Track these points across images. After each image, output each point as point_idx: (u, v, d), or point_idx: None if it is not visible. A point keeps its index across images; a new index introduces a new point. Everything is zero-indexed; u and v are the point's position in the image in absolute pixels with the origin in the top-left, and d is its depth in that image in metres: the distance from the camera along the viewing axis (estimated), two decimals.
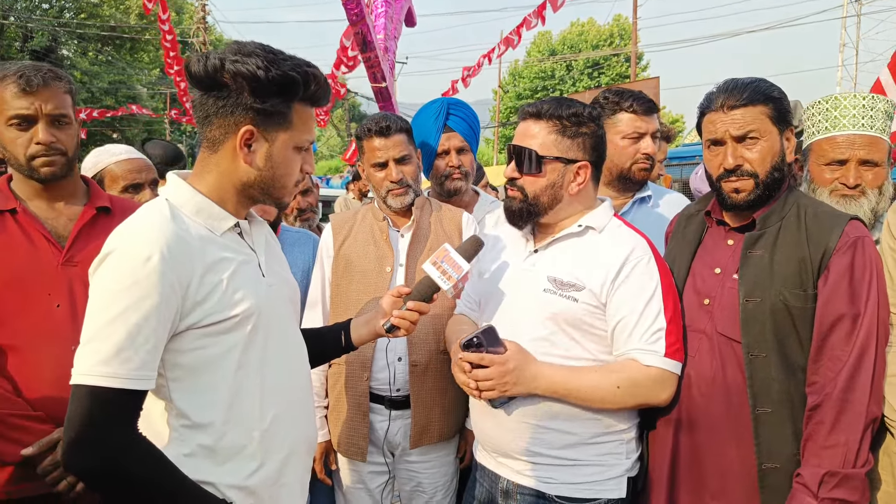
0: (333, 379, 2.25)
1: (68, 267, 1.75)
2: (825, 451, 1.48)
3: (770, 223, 1.67)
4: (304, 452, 1.50)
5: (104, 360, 1.15)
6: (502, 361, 1.63)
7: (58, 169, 1.79)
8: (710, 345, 1.68)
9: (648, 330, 1.66)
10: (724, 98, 1.67)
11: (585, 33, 37.33)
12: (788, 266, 1.60)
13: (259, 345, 1.35)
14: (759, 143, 1.65)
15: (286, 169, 1.38)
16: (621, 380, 1.64)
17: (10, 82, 1.72)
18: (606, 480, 1.71)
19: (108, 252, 1.22)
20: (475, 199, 2.71)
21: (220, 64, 1.27)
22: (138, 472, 1.18)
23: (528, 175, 1.75)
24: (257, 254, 1.44)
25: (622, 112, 2.39)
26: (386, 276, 2.18)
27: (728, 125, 1.66)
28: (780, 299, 1.58)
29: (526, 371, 1.64)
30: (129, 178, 2.43)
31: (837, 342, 1.52)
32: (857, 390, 1.48)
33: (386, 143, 2.20)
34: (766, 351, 1.58)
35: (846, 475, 1.46)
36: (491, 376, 1.63)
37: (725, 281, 1.70)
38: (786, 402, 1.57)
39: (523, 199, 1.77)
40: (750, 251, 1.66)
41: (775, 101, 1.66)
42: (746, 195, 1.67)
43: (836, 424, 1.48)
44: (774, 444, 1.58)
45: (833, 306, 1.53)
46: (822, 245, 1.57)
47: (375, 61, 4.97)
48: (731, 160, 1.66)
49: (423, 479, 2.22)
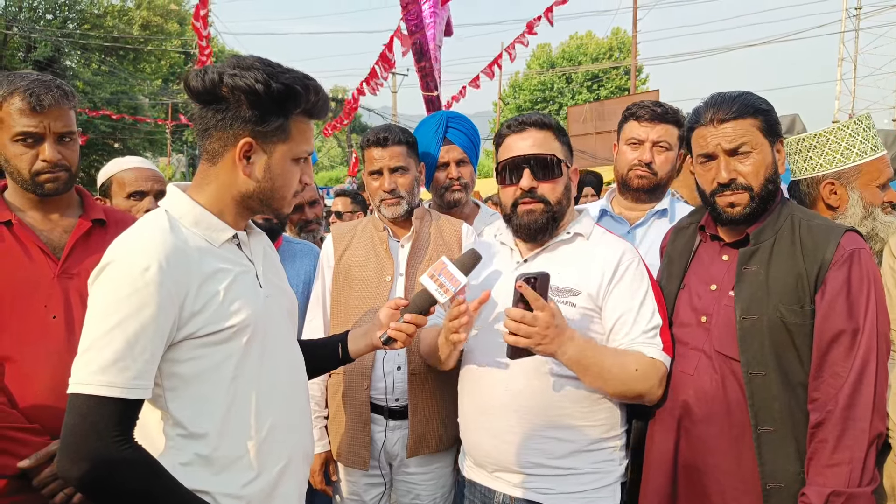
0: (333, 389, 2.25)
1: (64, 279, 1.75)
2: (830, 469, 1.45)
3: (764, 237, 1.66)
4: (302, 463, 1.50)
5: (101, 369, 1.16)
6: (553, 313, 1.57)
7: (61, 185, 1.80)
8: (709, 363, 1.67)
9: (647, 325, 1.70)
10: (714, 112, 1.66)
11: (585, 46, 37.54)
12: (785, 281, 1.58)
13: (255, 355, 1.35)
14: (752, 155, 1.64)
15: (285, 180, 1.39)
16: (638, 363, 1.67)
17: (19, 98, 1.72)
18: (603, 487, 1.72)
19: (107, 262, 1.22)
20: (475, 211, 2.73)
21: (219, 78, 1.29)
22: (134, 481, 1.18)
23: (548, 181, 1.77)
24: (255, 265, 1.45)
25: (631, 119, 2.40)
26: (386, 285, 2.19)
27: (719, 139, 1.65)
28: (778, 316, 1.57)
29: (565, 331, 1.60)
30: (134, 185, 2.45)
31: (837, 358, 1.50)
32: (859, 406, 1.46)
33: (383, 154, 2.22)
34: (765, 369, 1.57)
35: (851, 494, 1.43)
36: (536, 323, 1.55)
37: (722, 298, 1.69)
38: (787, 419, 1.55)
39: (547, 208, 1.77)
40: (745, 267, 1.65)
41: (764, 113, 1.66)
42: (742, 209, 1.65)
43: (839, 442, 1.46)
44: (778, 464, 1.55)
45: (831, 322, 1.51)
46: (818, 259, 1.56)
47: (429, 70, 5.05)
48: (724, 174, 1.65)
49: (421, 492, 2.22)
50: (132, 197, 2.44)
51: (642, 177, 2.35)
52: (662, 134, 2.34)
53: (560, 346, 1.59)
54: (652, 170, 2.34)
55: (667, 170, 2.37)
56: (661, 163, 2.35)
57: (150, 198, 2.47)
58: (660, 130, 2.34)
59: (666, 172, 2.37)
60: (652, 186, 2.36)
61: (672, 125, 2.36)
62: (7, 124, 1.73)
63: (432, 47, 5.18)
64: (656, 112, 2.34)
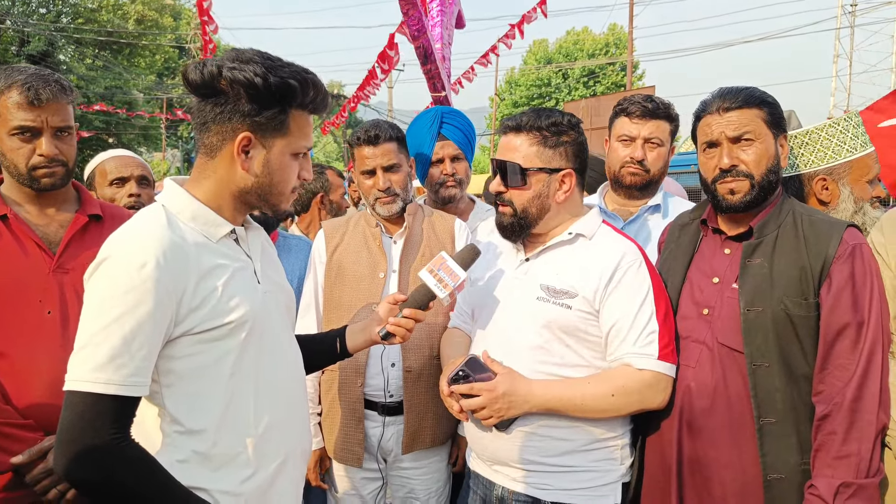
0: (327, 385, 2.25)
1: (59, 274, 1.74)
2: (839, 461, 1.48)
3: (767, 231, 1.68)
4: (299, 459, 1.49)
5: (98, 366, 1.15)
6: (490, 388, 1.64)
7: (58, 179, 1.79)
8: (710, 355, 1.67)
9: (642, 333, 1.67)
10: (720, 102, 1.70)
11: (581, 42, 37.54)
12: (789, 274, 1.60)
13: (253, 352, 1.35)
14: (755, 144, 1.67)
15: (283, 175, 1.38)
16: (615, 388, 1.65)
17: (17, 92, 1.71)
18: (601, 486, 1.71)
19: (104, 258, 1.21)
20: (471, 206, 2.73)
21: (218, 71, 1.28)
22: (131, 478, 1.17)
23: (515, 188, 1.76)
24: (253, 260, 1.44)
25: (622, 115, 2.38)
26: (379, 282, 2.18)
27: (723, 126, 1.68)
28: (782, 308, 1.58)
29: (517, 393, 1.65)
30: (116, 172, 2.49)
31: (843, 351, 1.53)
32: (866, 399, 1.49)
33: (374, 152, 2.20)
34: (769, 361, 1.59)
35: (861, 485, 1.46)
36: (482, 404, 1.65)
37: (724, 290, 1.70)
38: (790, 411, 1.58)
39: (513, 213, 1.78)
40: (749, 260, 1.67)
41: (770, 105, 1.70)
42: (742, 196, 1.67)
43: (848, 434, 1.48)
44: (780, 455, 1.57)
45: (837, 315, 1.54)
46: (821, 253, 1.58)
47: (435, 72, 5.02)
48: (726, 160, 1.68)
49: (416, 486, 2.22)
50: (114, 184, 2.49)
51: (634, 174, 2.35)
52: (654, 130, 2.33)
53: (521, 407, 1.65)
54: (644, 167, 2.34)
55: (659, 166, 2.37)
56: (654, 159, 2.35)
57: (132, 182, 2.51)
58: (651, 127, 2.33)
59: (658, 168, 2.37)
60: (644, 183, 2.36)
61: (664, 120, 2.35)
62: (4, 118, 1.72)
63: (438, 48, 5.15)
64: (647, 108, 2.32)
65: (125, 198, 2.46)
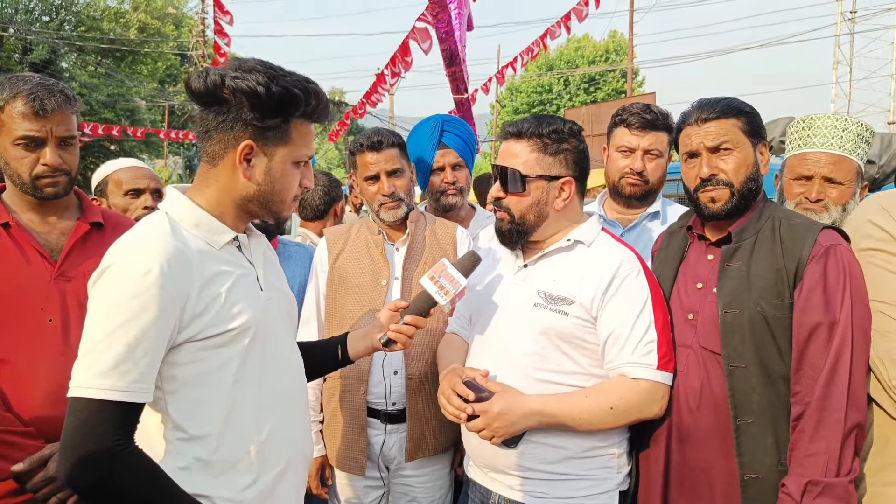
0: (329, 393, 2.25)
1: (61, 282, 1.74)
2: (807, 459, 1.50)
3: (746, 236, 1.71)
4: (300, 466, 1.49)
5: (102, 372, 1.15)
6: (485, 409, 1.64)
7: (61, 189, 1.80)
8: (696, 359, 1.70)
9: (640, 343, 1.67)
10: (698, 113, 1.74)
11: (582, 49, 37.63)
12: (765, 277, 1.62)
13: (256, 358, 1.35)
14: (733, 153, 1.71)
15: (285, 184, 1.39)
16: (613, 400, 1.65)
17: (21, 102, 1.71)
18: (598, 494, 1.71)
19: (108, 265, 1.22)
20: (471, 213, 2.73)
21: (221, 80, 1.29)
22: (134, 485, 1.18)
23: (513, 195, 1.77)
24: (256, 267, 1.44)
25: (621, 125, 2.40)
26: (382, 289, 2.19)
27: (702, 137, 1.72)
28: (758, 310, 1.61)
29: (514, 411, 1.64)
30: (131, 182, 2.52)
31: (815, 351, 1.54)
32: (833, 398, 1.49)
33: (378, 157, 2.21)
34: (745, 362, 1.61)
35: (829, 484, 1.46)
36: (480, 426, 1.65)
37: (706, 295, 1.72)
38: (766, 411, 1.59)
39: (511, 219, 1.78)
40: (727, 264, 1.70)
41: (747, 114, 1.73)
42: (723, 204, 1.71)
43: (815, 433, 1.50)
44: (756, 455, 1.59)
45: (809, 315, 1.55)
46: (796, 255, 1.61)
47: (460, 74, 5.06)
48: (706, 169, 1.72)
49: (419, 494, 2.22)
50: (129, 194, 2.51)
51: (634, 185, 2.38)
52: (653, 142, 2.36)
53: (520, 425, 1.65)
54: (644, 177, 2.37)
55: (658, 176, 2.41)
56: (653, 170, 2.39)
57: (146, 195, 2.54)
58: (651, 138, 2.35)
59: (657, 178, 2.41)
60: (644, 193, 2.40)
61: (662, 131, 2.37)
62: (9, 127, 1.73)
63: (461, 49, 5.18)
64: (647, 119, 2.34)
65: (140, 209, 2.48)
